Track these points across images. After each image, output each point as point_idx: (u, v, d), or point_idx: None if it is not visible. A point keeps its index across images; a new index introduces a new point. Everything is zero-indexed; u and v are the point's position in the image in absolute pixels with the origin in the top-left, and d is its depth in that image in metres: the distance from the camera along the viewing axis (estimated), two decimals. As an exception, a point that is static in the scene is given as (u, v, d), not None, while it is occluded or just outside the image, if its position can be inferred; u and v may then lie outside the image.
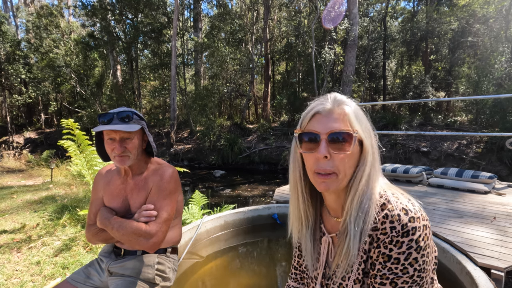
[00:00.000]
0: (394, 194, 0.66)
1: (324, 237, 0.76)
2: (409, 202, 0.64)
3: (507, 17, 10.32)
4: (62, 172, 6.95)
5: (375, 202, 0.64)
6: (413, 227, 0.59)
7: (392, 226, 0.60)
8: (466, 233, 2.05)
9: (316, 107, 0.67)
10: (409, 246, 0.58)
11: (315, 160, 0.64)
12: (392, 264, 0.60)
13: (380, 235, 0.61)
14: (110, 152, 1.20)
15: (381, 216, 0.62)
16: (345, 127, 0.63)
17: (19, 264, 2.32)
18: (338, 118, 0.64)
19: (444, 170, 3.60)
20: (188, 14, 17.99)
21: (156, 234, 1.17)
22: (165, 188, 1.24)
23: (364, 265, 0.66)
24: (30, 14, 18.43)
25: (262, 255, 2.39)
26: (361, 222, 0.63)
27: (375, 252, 0.63)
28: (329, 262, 0.76)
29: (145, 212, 1.19)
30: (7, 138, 16.07)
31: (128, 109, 1.21)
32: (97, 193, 1.33)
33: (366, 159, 0.65)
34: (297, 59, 14.78)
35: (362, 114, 0.68)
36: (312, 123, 0.66)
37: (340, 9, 11.08)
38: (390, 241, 0.60)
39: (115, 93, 15.44)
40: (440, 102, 11.91)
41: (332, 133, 0.63)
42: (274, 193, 3.30)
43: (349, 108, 0.66)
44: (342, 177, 0.64)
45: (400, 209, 0.61)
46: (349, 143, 0.63)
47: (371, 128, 0.68)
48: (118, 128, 1.13)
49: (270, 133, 11.61)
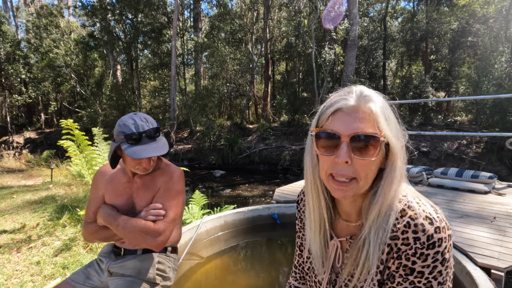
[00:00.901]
0: (415, 199, 0.59)
1: (332, 240, 0.70)
2: (432, 209, 0.58)
3: (507, 17, 10.32)
4: (62, 172, 6.95)
5: (396, 209, 0.58)
6: (439, 238, 0.54)
7: (416, 236, 0.54)
8: (466, 233, 2.05)
9: (338, 102, 0.57)
10: (434, 259, 0.54)
11: (333, 164, 0.57)
12: (416, 278, 0.55)
13: (402, 245, 0.56)
14: (134, 165, 1.20)
15: (402, 225, 0.56)
16: (371, 129, 0.55)
17: (19, 264, 2.32)
18: (364, 117, 0.55)
19: (444, 170, 3.60)
20: (188, 14, 17.99)
21: (164, 233, 1.18)
22: (173, 188, 1.26)
23: (380, 276, 0.61)
24: (30, 14, 18.43)
25: (262, 255, 2.39)
26: (381, 230, 0.58)
27: (394, 263, 0.58)
28: (335, 267, 0.72)
29: (153, 211, 1.20)
30: (7, 138, 16.07)
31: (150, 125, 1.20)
32: (97, 191, 1.33)
33: (395, 163, 0.57)
34: (297, 59, 14.78)
35: (391, 112, 0.59)
36: (332, 122, 0.57)
37: (340, 9, 11.09)
38: (413, 253, 0.55)
39: (115, 93, 15.44)
40: (440, 102, 11.91)
41: (355, 135, 0.54)
42: (274, 193, 3.30)
43: (376, 105, 0.56)
44: (362, 183, 0.57)
45: (424, 218, 0.55)
46: (375, 148, 0.54)
47: (401, 128, 0.60)
48: (156, 154, 1.15)
49: (270, 133, 11.61)
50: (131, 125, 1.16)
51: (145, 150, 1.14)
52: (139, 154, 1.12)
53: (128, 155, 1.13)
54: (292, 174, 9.41)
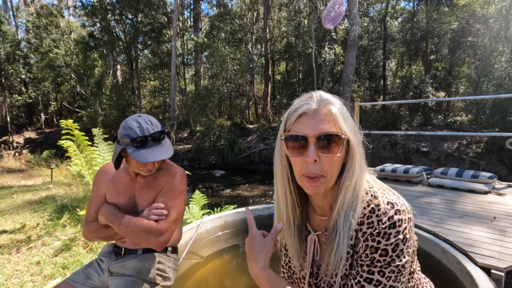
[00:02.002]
0: (380, 189, 0.66)
1: (310, 235, 0.75)
2: (395, 196, 0.64)
3: (507, 17, 10.32)
4: (62, 172, 6.95)
5: (361, 199, 0.65)
6: (399, 219, 0.60)
7: (379, 219, 0.60)
8: (466, 233, 2.05)
9: (302, 107, 0.64)
10: (396, 238, 0.59)
11: (304, 164, 0.62)
12: (380, 256, 0.60)
13: (367, 229, 0.62)
14: (139, 167, 1.20)
15: (368, 211, 0.62)
16: (333, 128, 0.61)
17: (19, 264, 2.32)
18: (325, 119, 0.62)
19: (444, 170, 3.60)
20: (188, 14, 18.00)
21: (166, 233, 1.19)
22: (176, 189, 1.27)
23: (351, 260, 0.66)
24: (30, 14, 18.43)
25: (262, 255, 2.38)
26: (350, 219, 0.64)
27: (362, 246, 0.63)
28: (316, 261, 0.76)
29: (156, 210, 1.21)
30: (7, 138, 16.07)
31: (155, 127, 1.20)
32: (99, 189, 1.32)
33: (354, 157, 0.64)
34: (297, 59, 14.78)
35: (347, 112, 0.66)
36: (298, 125, 0.63)
37: (340, 9, 11.09)
38: (378, 233, 0.60)
39: (115, 93, 15.44)
40: (440, 102, 11.91)
41: (320, 135, 0.61)
42: (274, 193, 3.29)
43: (335, 107, 0.63)
44: (330, 178, 0.63)
45: (386, 203, 0.61)
46: (338, 145, 0.61)
47: (356, 126, 0.67)
48: (162, 158, 1.15)
49: (270, 133, 11.61)
50: (136, 128, 1.16)
51: (151, 153, 1.14)
52: (145, 158, 1.13)
53: (134, 159, 1.13)
54: (292, 174, 9.40)
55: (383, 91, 13.75)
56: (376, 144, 9.39)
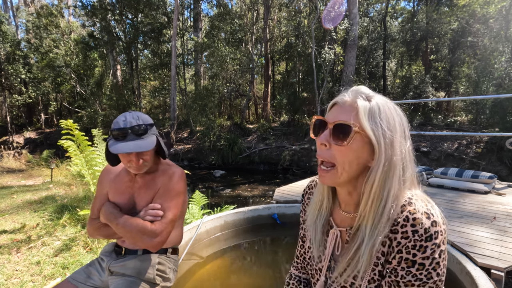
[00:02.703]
0: (414, 196, 0.64)
1: (332, 229, 0.75)
2: (429, 205, 0.62)
3: (507, 17, 10.32)
4: (62, 172, 6.95)
5: (394, 212, 0.62)
6: (435, 231, 0.58)
7: (414, 230, 0.58)
8: (466, 233, 2.05)
9: (338, 97, 0.67)
10: (433, 250, 0.57)
11: (319, 147, 0.66)
12: (417, 270, 0.59)
13: (401, 239, 0.60)
14: (126, 163, 1.20)
15: (401, 219, 0.60)
16: (348, 119, 0.61)
17: (19, 264, 2.32)
18: (348, 110, 0.62)
19: (444, 170, 3.60)
20: (188, 14, 18.00)
21: (161, 234, 1.17)
22: (173, 189, 1.25)
23: (381, 267, 0.65)
24: (30, 14, 18.43)
25: (262, 255, 2.39)
26: (376, 232, 0.62)
27: (395, 258, 0.61)
28: (335, 255, 0.76)
29: (152, 211, 1.20)
30: (7, 138, 16.07)
31: (141, 122, 1.19)
32: (102, 188, 1.33)
33: (379, 160, 0.61)
34: (297, 59, 14.77)
35: (387, 112, 0.62)
36: (329, 113, 0.67)
37: (340, 9, 11.08)
38: (413, 246, 0.58)
39: (115, 93, 15.44)
40: (440, 102, 11.91)
41: (336, 123, 0.62)
42: (274, 193, 3.30)
43: (362, 102, 0.61)
44: (340, 170, 0.62)
45: (422, 213, 0.59)
46: (347, 136, 0.60)
47: (400, 131, 0.62)
48: (138, 149, 1.13)
49: (270, 133, 11.61)
50: (121, 121, 1.16)
51: (126, 145, 1.13)
52: (117, 149, 1.12)
53: (109, 149, 1.13)
54: (292, 174, 9.41)
55: (383, 91, 13.74)
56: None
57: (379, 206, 0.61)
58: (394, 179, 0.61)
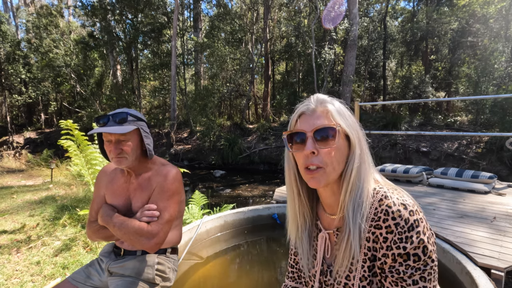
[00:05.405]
0: (390, 189, 0.67)
1: (321, 233, 0.77)
2: (400, 194, 0.65)
3: (507, 17, 10.32)
4: (62, 172, 6.95)
5: (369, 196, 0.66)
6: (414, 219, 0.60)
7: (396, 222, 0.61)
8: (466, 233, 2.05)
9: (301, 108, 0.71)
10: (419, 238, 0.60)
11: (305, 157, 0.67)
12: (414, 262, 0.60)
13: (387, 234, 0.62)
14: (109, 153, 1.21)
15: (382, 214, 0.63)
16: (328, 122, 0.66)
17: (19, 264, 2.32)
18: (321, 115, 0.67)
19: (444, 170, 3.60)
20: (188, 14, 18.00)
21: (158, 235, 1.17)
22: (168, 189, 1.24)
23: (370, 263, 0.67)
24: (30, 14, 18.43)
25: (262, 255, 2.39)
26: (359, 216, 0.65)
27: (388, 256, 0.62)
28: (326, 259, 0.77)
29: (148, 212, 1.19)
30: (7, 138, 16.07)
31: (124, 111, 1.21)
32: (99, 190, 1.33)
33: (354, 152, 0.67)
34: (297, 59, 14.77)
35: (346, 110, 0.70)
36: (298, 124, 0.70)
37: (340, 9, 11.08)
38: (399, 239, 0.60)
39: (115, 93, 15.44)
40: (440, 102, 11.91)
41: (316, 129, 0.66)
42: (274, 193, 3.30)
43: (331, 105, 0.69)
44: (330, 170, 0.66)
45: (399, 204, 0.62)
46: (334, 137, 0.65)
47: (357, 124, 0.71)
48: (110, 131, 1.13)
49: (270, 133, 11.61)
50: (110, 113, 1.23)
51: (102, 128, 1.16)
52: (93, 131, 1.18)
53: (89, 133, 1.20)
54: (292, 174, 9.39)
55: (383, 91, 13.74)
56: (376, 144, 9.39)
57: (357, 191, 0.66)
58: (366, 165, 0.68)
